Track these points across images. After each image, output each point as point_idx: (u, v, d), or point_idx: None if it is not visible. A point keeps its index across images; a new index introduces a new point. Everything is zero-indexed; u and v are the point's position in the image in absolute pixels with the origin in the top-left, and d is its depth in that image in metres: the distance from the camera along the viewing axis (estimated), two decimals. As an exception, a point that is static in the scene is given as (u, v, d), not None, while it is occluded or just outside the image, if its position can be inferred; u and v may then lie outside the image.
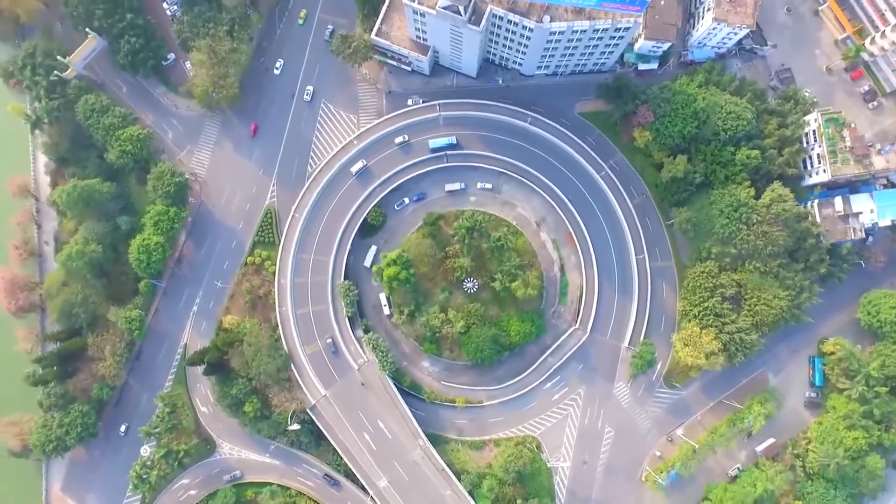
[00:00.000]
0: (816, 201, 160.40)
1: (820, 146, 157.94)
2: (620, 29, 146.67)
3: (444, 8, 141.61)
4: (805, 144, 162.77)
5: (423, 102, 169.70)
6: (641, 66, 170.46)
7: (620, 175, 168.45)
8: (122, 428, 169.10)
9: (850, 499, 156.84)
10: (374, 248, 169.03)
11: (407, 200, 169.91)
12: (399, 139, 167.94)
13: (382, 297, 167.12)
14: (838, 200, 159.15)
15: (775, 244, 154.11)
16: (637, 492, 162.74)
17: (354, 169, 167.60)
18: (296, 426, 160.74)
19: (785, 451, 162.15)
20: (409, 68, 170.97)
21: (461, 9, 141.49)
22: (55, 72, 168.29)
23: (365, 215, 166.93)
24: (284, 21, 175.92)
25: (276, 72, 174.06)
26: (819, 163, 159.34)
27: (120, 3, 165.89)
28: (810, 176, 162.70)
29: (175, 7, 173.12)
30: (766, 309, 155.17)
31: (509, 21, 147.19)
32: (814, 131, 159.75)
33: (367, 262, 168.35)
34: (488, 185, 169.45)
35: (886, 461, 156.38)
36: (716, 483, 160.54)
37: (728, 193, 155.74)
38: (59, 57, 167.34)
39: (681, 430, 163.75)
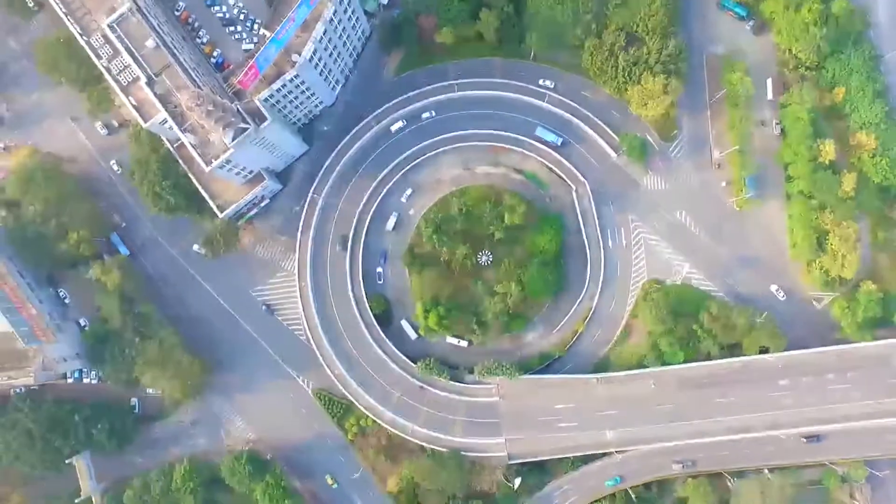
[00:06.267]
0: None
1: None
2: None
3: (235, 140, 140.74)
4: None
5: (302, 208, 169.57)
6: (383, 1, 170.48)
7: (469, 74, 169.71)
8: None
9: (858, 50, 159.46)
10: (403, 321, 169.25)
11: (380, 269, 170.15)
12: (336, 245, 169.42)
13: (449, 339, 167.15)
14: None
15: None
16: (743, 219, 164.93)
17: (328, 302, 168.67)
18: (517, 480, 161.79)
19: (785, 78, 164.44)
20: (267, 200, 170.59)
21: (243, 125, 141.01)
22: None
23: (371, 312, 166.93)
24: (158, 283, 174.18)
25: (190, 313, 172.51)
26: None
27: (60, 425, 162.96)
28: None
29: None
30: (654, 17, 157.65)
31: (278, 90, 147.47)
32: None
33: (413, 335, 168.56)
34: (409, 191, 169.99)
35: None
36: (779, 151, 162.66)
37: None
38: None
39: (715, 152, 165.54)
